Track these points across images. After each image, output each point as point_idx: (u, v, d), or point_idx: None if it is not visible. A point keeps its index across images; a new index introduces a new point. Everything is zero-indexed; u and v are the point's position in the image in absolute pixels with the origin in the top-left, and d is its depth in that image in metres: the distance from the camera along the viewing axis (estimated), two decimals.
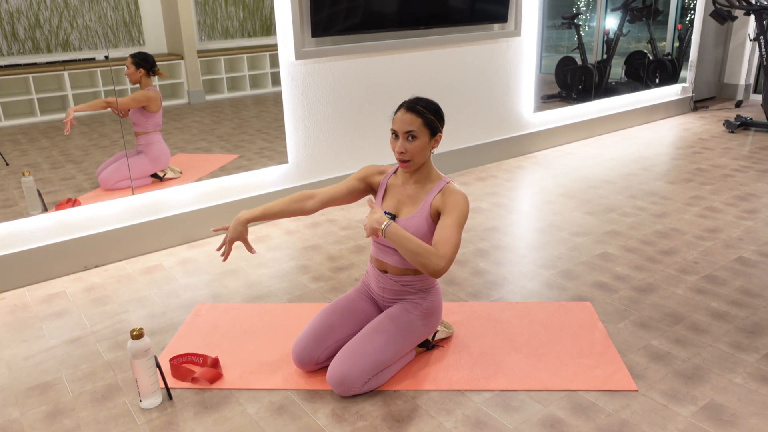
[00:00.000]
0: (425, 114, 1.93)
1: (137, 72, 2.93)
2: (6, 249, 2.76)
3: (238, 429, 1.84)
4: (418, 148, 1.93)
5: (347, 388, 1.93)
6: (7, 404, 1.99)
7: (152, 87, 3.00)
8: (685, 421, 1.82)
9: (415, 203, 2.02)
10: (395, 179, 2.10)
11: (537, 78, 4.75)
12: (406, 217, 2.02)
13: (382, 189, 2.12)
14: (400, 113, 1.94)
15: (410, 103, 1.95)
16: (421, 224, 1.99)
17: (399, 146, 1.93)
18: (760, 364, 2.09)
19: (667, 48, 6.11)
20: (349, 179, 2.15)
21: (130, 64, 2.90)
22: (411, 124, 1.91)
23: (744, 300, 2.53)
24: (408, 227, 1.99)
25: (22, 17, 2.57)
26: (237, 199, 3.38)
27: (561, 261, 2.93)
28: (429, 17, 3.85)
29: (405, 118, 1.92)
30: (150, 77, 2.98)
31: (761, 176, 4.13)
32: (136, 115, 3.00)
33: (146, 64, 2.95)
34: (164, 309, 2.58)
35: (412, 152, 1.93)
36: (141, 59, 2.92)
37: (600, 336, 2.28)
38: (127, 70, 2.89)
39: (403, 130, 1.92)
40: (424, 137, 1.93)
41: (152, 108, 3.01)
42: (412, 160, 1.95)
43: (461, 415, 1.88)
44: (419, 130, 1.92)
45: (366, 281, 2.22)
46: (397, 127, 1.94)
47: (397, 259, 2.06)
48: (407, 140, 1.92)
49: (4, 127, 2.65)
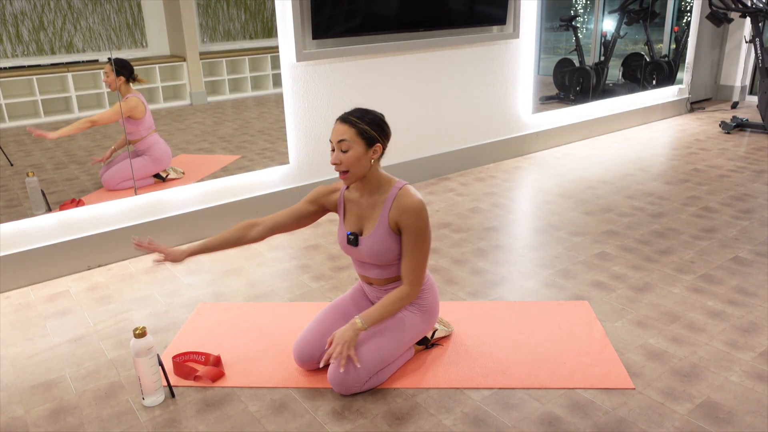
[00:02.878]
0: (358, 124, 1.92)
1: (117, 79, 2.86)
2: (10, 248, 2.78)
3: (240, 426, 1.86)
4: (353, 158, 1.91)
5: (348, 386, 1.95)
6: (11, 402, 2.01)
7: (132, 94, 2.94)
8: (681, 419, 1.85)
9: (374, 217, 2.01)
10: (350, 193, 2.07)
11: (535, 79, 4.78)
12: (368, 234, 2.01)
13: (341, 207, 2.10)
14: (335, 125, 1.95)
15: (344, 115, 1.96)
16: (385, 239, 1.98)
17: (333, 157, 1.93)
18: (756, 362, 2.12)
19: (663, 50, 6.14)
20: (299, 203, 2.13)
21: (110, 71, 2.83)
22: (342, 134, 1.91)
23: (740, 299, 2.55)
24: (373, 244, 1.99)
25: (27, 19, 2.59)
26: (239, 199, 3.41)
27: (559, 260, 2.96)
28: (429, 19, 3.88)
29: (337, 129, 1.94)
30: (129, 84, 2.92)
31: (757, 177, 4.16)
32: (126, 125, 2.96)
33: (125, 71, 2.88)
34: (167, 308, 2.60)
35: (347, 163, 1.92)
36: (121, 66, 2.86)
37: (597, 334, 2.30)
38: (106, 77, 2.83)
39: (335, 140, 1.93)
40: (358, 147, 1.91)
41: (137, 115, 2.96)
42: (350, 171, 1.93)
43: (460, 413, 1.90)
44: (352, 141, 1.91)
45: (362, 284, 2.25)
46: (332, 137, 1.95)
47: (378, 272, 2.07)
48: (341, 151, 1.92)
49: (8, 128, 2.67)
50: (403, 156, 4.10)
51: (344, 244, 2.07)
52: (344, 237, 2.06)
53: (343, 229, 2.08)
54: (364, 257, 2.04)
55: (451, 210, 3.68)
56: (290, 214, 2.11)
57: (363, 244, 2.01)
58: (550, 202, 3.77)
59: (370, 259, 2.03)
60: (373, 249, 2.00)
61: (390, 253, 2.00)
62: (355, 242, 2.03)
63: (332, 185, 2.13)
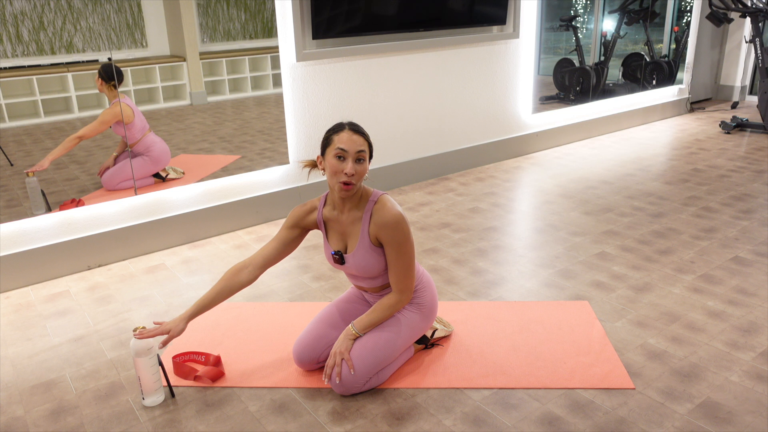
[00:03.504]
0: (368, 137, 1.91)
1: (101, 84, 2.82)
2: (10, 249, 2.78)
3: (240, 427, 1.87)
4: (364, 170, 1.89)
5: (348, 387, 1.95)
6: (11, 402, 2.01)
7: (117, 99, 2.89)
8: (681, 419, 1.85)
9: (355, 233, 1.98)
10: (328, 211, 2.02)
11: (535, 79, 4.78)
12: (352, 252, 1.99)
13: (321, 226, 2.05)
14: (346, 134, 1.86)
15: (353, 125, 1.89)
16: (368, 254, 1.97)
17: (350, 168, 1.83)
18: (756, 362, 2.12)
19: (663, 50, 6.14)
20: (280, 232, 2.06)
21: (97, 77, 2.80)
22: (361, 146, 1.86)
23: (740, 299, 2.55)
24: (359, 261, 1.98)
25: (27, 19, 2.59)
26: (238, 200, 3.41)
27: (559, 260, 2.96)
28: (428, 20, 3.88)
29: (355, 139, 1.85)
30: (115, 88, 2.87)
31: (757, 177, 4.16)
32: (118, 131, 2.93)
33: (105, 75, 2.83)
34: (167, 308, 2.60)
35: (360, 174, 1.87)
36: (102, 69, 2.81)
37: (597, 334, 2.30)
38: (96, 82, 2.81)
39: (355, 150, 1.85)
40: (367, 161, 1.90)
41: (125, 120, 2.91)
42: (356, 184, 1.89)
43: (460, 413, 1.90)
44: (367, 150, 1.89)
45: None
46: (347, 146, 1.84)
47: (369, 282, 2.07)
48: (357, 162, 1.86)
49: (8, 128, 2.67)
50: (403, 156, 4.10)
51: (331, 262, 2.07)
52: (329, 256, 2.06)
53: (328, 247, 2.05)
54: (353, 272, 2.05)
55: (451, 210, 3.68)
56: (275, 245, 2.04)
57: (349, 261, 2.01)
58: (550, 202, 3.77)
59: (359, 273, 2.03)
60: (359, 264, 1.99)
61: (376, 265, 1.99)
62: (341, 260, 2.02)
63: (307, 205, 2.05)
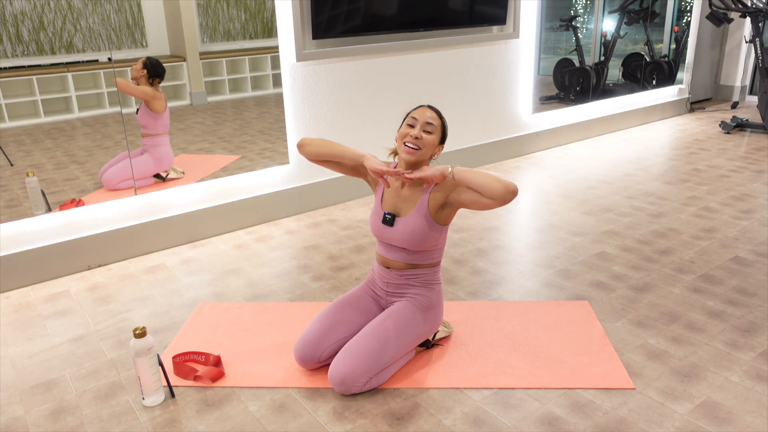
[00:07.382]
0: (443, 118, 2.07)
1: (141, 71, 2.94)
2: (10, 249, 2.78)
3: (240, 426, 1.87)
4: (430, 142, 2.01)
5: (348, 387, 1.95)
6: (11, 402, 2.01)
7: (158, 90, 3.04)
8: (681, 419, 1.85)
9: (413, 199, 2.06)
10: (392, 180, 2.12)
11: (535, 79, 4.78)
12: (405, 216, 2.05)
13: (381, 187, 2.15)
14: (421, 108, 2.05)
15: (431, 106, 2.07)
16: (421, 222, 2.02)
17: (416, 131, 1.99)
18: (756, 362, 2.12)
19: (663, 50, 6.14)
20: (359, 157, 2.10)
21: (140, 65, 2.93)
22: (432, 119, 2.02)
23: (740, 299, 2.55)
24: (407, 225, 2.03)
25: (27, 19, 2.59)
26: (238, 200, 3.41)
27: (559, 260, 2.96)
28: (428, 19, 3.88)
29: (427, 113, 2.03)
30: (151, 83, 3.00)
31: (757, 177, 4.16)
32: (144, 117, 3.00)
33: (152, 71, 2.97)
34: (167, 308, 2.60)
35: (425, 143, 2.00)
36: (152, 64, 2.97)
37: (597, 334, 2.30)
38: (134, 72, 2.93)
39: (424, 120, 2.01)
40: (435, 137, 2.03)
41: (157, 107, 3.00)
42: (421, 150, 2.00)
43: (460, 413, 1.90)
44: (437, 128, 2.03)
45: (371, 278, 2.25)
46: (419, 115, 2.02)
47: (404, 256, 2.09)
48: (424, 131, 2.00)
49: (8, 128, 2.67)
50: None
51: (377, 224, 2.10)
52: (379, 216, 2.09)
53: (379, 209, 2.10)
54: (397, 239, 2.06)
55: None
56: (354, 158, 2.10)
57: (398, 224, 2.05)
58: (550, 202, 3.77)
59: (402, 243, 2.05)
60: (407, 231, 2.03)
61: (423, 237, 2.02)
62: (392, 222, 2.06)
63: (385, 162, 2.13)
